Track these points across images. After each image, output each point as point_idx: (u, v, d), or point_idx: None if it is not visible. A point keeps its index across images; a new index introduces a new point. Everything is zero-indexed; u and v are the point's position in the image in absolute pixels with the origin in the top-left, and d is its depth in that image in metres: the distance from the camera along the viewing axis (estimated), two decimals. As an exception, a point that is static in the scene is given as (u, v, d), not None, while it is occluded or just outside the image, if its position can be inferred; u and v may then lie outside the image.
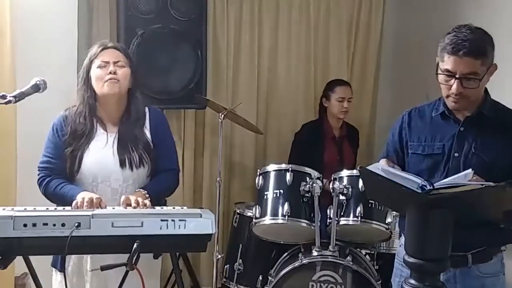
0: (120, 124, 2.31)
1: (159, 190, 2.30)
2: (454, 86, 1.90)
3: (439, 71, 1.93)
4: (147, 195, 2.21)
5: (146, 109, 2.39)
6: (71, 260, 2.24)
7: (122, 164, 2.24)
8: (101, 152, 2.25)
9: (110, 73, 2.23)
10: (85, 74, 2.28)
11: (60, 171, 2.24)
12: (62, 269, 2.22)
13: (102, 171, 2.24)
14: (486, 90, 2.02)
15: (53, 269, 2.28)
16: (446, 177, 1.84)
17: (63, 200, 2.15)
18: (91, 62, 2.27)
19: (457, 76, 1.88)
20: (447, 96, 1.97)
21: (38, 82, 2.12)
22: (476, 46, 1.85)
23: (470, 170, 1.75)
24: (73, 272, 2.24)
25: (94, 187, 2.23)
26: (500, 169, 1.89)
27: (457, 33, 1.88)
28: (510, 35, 2.21)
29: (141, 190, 2.23)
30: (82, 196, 2.08)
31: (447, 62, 1.89)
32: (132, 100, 2.33)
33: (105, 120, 2.31)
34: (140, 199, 2.11)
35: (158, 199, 2.27)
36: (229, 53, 3.93)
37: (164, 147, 2.37)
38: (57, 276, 2.27)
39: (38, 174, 2.27)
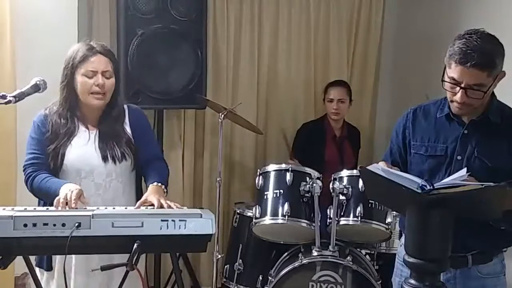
0: (101, 121, 2.31)
1: (165, 179, 2.29)
2: (458, 95, 1.88)
3: (446, 77, 1.90)
4: (165, 190, 2.19)
5: (125, 107, 2.40)
6: (57, 260, 2.21)
7: (104, 159, 2.25)
8: (83, 148, 2.25)
9: (98, 86, 2.20)
10: (69, 75, 2.22)
11: (47, 166, 2.22)
12: (48, 268, 2.23)
13: (85, 166, 2.24)
14: (493, 92, 2.00)
15: (38, 269, 2.25)
16: None
17: (47, 195, 2.13)
18: (77, 64, 2.21)
19: (462, 85, 1.86)
20: (451, 101, 1.95)
21: (38, 82, 2.12)
22: (484, 58, 1.81)
23: (464, 171, 1.75)
24: (59, 271, 2.21)
25: (77, 182, 2.21)
26: (503, 174, 1.84)
27: (467, 40, 1.83)
28: (510, 33, 2.21)
29: (158, 183, 2.19)
30: (64, 192, 2.01)
31: (453, 70, 1.86)
32: (113, 101, 2.32)
33: (86, 118, 2.31)
34: (163, 201, 2.05)
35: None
36: (229, 53, 3.93)
37: (146, 140, 2.38)
38: (42, 276, 2.26)
39: (25, 172, 2.23)
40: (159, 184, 2.20)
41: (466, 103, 1.89)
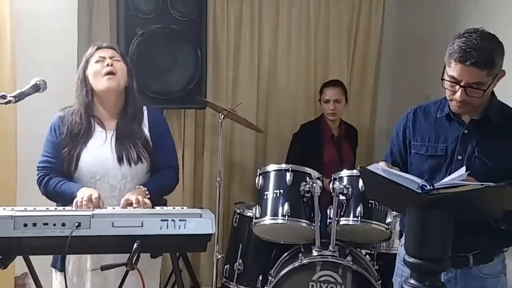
0: (118, 121, 2.32)
1: (159, 188, 2.31)
2: (458, 94, 1.88)
3: (445, 76, 1.91)
4: (147, 192, 2.21)
5: (145, 108, 2.40)
6: (71, 260, 2.24)
7: (120, 160, 2.25)
8: (99, 150, 2.26)
9: (108, 65, 2.25)
10: (81, 74, 2.30)
11: (59, 170, 2.25)
12: (62, 269, 2.23)
13: (101, 169, 2.24)
14: (493, 92, 2.00)
15: (53, 269, 2.29)
16: None
17: (63, 198, 2.16)
18: (87, 61, 2.30)
19: (462, 84, 1.86)
20: (451, 100, 1.95)
21: (38, 82, 2.12)
22: (484, 56, 1.81)
23: (463, 169, 1.75)
24: (73, 271, 2.25)
25: (92, 184, 2.23)
26: (503, 174, 1.83)
27: (466, 39, 1.83)
28: (510, 35, 2.22)
29: (140, 186, 2.24)
30: (81, 195, 2.08)
31: (453, 69, 1.87)
32: (129, 97, 2.34)
33: (102, 118, 2.31)
34: (140, 198, 2.12)
35: (158, 196, 2.29)
36: (229, 53, 3.94)
37: (163, 145, 2.38)
38: (57, 276, 2.28)
39: (37, 174, 2.27)
40: (140, 186, 2.24)
41: (466, 101, 1.89)
